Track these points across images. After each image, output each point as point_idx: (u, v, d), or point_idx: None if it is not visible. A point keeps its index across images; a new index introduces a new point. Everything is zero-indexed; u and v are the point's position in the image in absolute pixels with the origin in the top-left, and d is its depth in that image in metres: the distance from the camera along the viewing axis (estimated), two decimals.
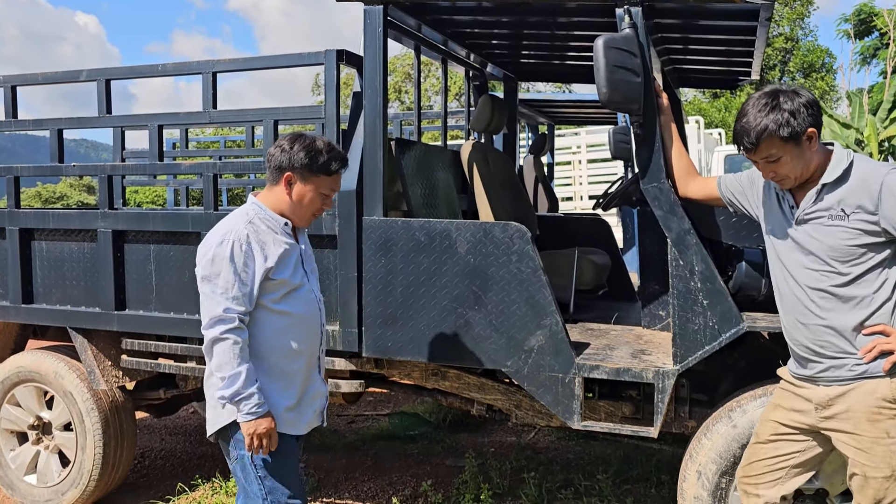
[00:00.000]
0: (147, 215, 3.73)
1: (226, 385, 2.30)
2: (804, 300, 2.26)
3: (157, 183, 7.02)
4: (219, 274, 2.31)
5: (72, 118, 3.88)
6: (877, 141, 13.48)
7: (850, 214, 2.18)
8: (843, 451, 2.26)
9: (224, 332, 2.29)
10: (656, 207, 2.83)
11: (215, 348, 2.31)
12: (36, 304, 3.88)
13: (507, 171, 4.51)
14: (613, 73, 2.63)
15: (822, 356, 2.26)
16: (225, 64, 3.49)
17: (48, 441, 4.02)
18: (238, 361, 2.29)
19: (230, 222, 2.39)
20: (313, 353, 2.53)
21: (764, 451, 2.41)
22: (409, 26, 3.63)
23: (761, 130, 2.17)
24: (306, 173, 2.39)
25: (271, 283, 2.38)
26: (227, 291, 2.30)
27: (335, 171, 2.42)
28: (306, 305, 2.48)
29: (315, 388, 2.56)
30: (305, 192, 2.41)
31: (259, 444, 2.34)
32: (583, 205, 11.42)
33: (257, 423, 2.32)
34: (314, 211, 2.47)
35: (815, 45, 26.88)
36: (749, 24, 3.13)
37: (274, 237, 2.41)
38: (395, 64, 26.08)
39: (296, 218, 2.46)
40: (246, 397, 2.30)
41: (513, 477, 4.35)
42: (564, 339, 2.93)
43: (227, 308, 2.30)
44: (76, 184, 28.26)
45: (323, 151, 2.39)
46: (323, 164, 2.38)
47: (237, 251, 2.31)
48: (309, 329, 2.49)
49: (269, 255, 2.36)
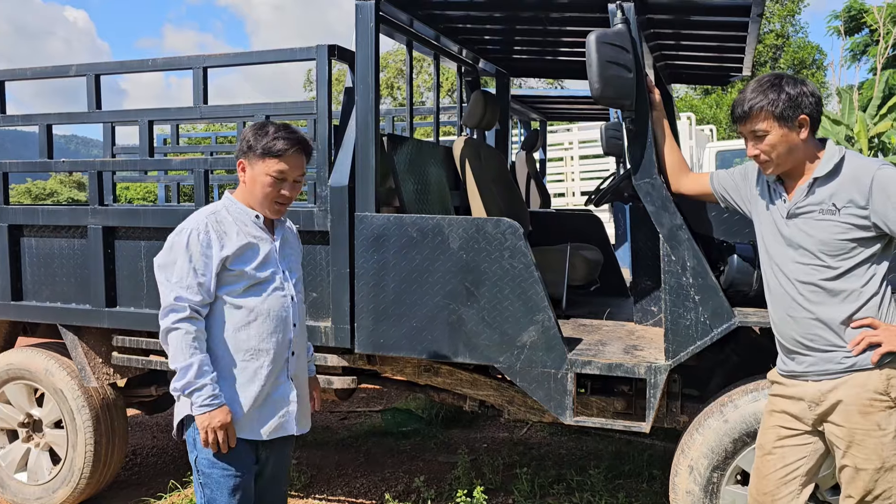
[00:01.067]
0: (138, 211, 3.71)
1: (178, 376, 2.22)
2: (793, 294, 2.28)
3: (147, 179, 7.00)
4: (174, 262, 2.26)
5: (61, 113, 3.86)
6: (867, 137, 13.54)
7: (842, 209, 2.19)
8: (834, 443, 2.27)
9: (176, 321, 2.22)
10: (648, 203, 2.84)
11: (168, 338, 2.24)
12: (26, 301, 3.86)
13: (500, 168, 4.50)
14: (606, 68, 2.63)
15: (812, 349, 2.27)
16: (216, 59, 3.48)
17: (38, 439, 4.00)
18: (191, 352, 2.21)
19: (195, 214, 2.35)
20: (280, 354, 2.37)
21: (773, 463, 2.38)
22: (401, 21, 3.62)
23: (755, 102, 2.23)
24: (252, 157, 2.30)
25: (229, 275, 2.29)
26: (182, 280, 2.23)
27: (280, 151, 2.27)
28: (272, 302, 2.34)
29: (281, 392, 2.39)
30: (255, 176, 2.31)
31: (214, 439, 2.22)
32: (575, 201, 11.43)
33: (211, 416, 2.21)
34: (271, 197, 2.32)
35: (805, 42, 26.97)
36: (740, 20, 3.14)
37: (240, 229, 2.32)
38: (388, 59, 26.02)
39: (258, 206, 2.35)
40: (198, 388, 2.20)
41: (505, 472, 4.35)
42: (557, 334, 2.93)
43: (179, 297, 2.23)
44: (66, 180, 28.07)
45: (269, 133, 2.28)
46: (266, 145, 2.27)
47: (193, 240, 2.25)
48: (273, 327, 2.34)
49: (226, 244, 2.27)
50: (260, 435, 2.34)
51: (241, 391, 2.30)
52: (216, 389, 2.23)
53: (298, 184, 2.38)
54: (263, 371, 2.32)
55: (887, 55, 16.55)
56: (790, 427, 2.34)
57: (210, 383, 2.22)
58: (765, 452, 2.40)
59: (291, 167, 2.31)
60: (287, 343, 2.39)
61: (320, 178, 3.27)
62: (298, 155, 2.32)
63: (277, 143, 2.27)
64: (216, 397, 2.22)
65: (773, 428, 2.38)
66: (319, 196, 3.26)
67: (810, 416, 2.30)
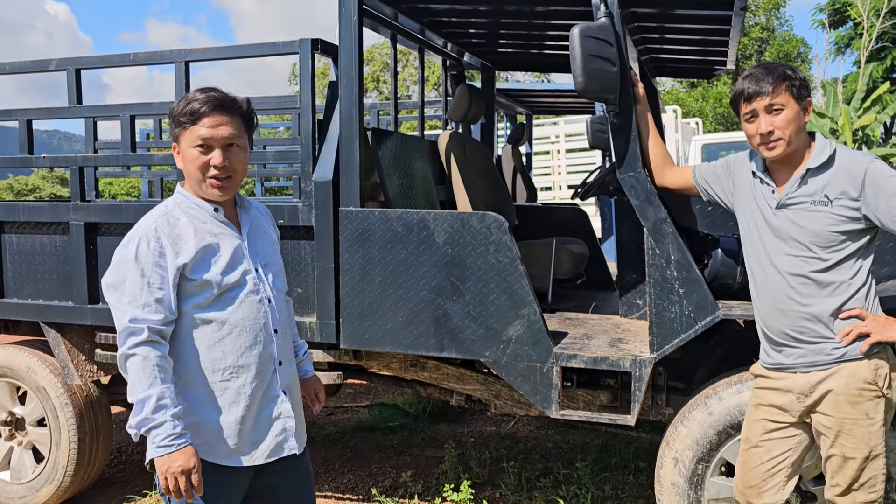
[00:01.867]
0: (120, 207, 3.68)
1: (135, 411, 1.89)
2: (783, 287, 2.28)
3: (130, 174, 6.93)
4: (124, 280, 1.94)
5: (41, 108, 3.81)
6: (851, 130, 13.65)
7: (834, 200, 2.21)
8: (822, 433, 2.29)
9: (133, 346, 1.89)
10: (632, 196, 2.84)
11: (126, 366, 1.91)
12: (7, 299, 3.81)
13: (485, 161, 4.50)
14: (589, 62, 2.63)
15: (801, 342, 2.28)
16: (198, 53, 3.44)
17: (21, 437, 3.96)
18: (149, 382, 1.87)
19: (142, 220, 2.02)
20: (263, 367, 2.06)
21: (759, 456, 2.39)
22: (385, 15, 3.60)
23: (780, 74, 2.24)
24: (177, 132, 2.00)
25: (191, 285, 1.97)
26: (135, 299, 1.91)
27: (195, 112, 1.95)
28: (247, 310, 2.03)
29: (273, 408, 2.09)
30: (184, 152, 1.99)
31: (175, 486, 1.87)
32: (562, 194, 11.45)
33: (170, 460, 1.86)
34: (201, 169, 1.98)
35: (790, 35, 27.12)
36: (724, 14, 3.15)
37: (196, 228, 2.00)
38: (373, 53, 25.94)
39: (199, 189, 2.02)
40: (155, 426, 1.86)
41: (492, 466, 4.36)
42: (542, 328, 2.94)
43: (134, 318, 1.90)
44: (48, 175, 27.84)
45: (185, 98, 1.99)
46: (183, 111, 1.96)
47: (143, 250, 1.93)
48: (252, 339, 2.03)
49: (181, 250, 1.95)
50: (255, 459, 2.06)
51: (225, 415, 2.01)
52: (177, 427, 1.88)
53: (235, 150, 2.01)
54: (247, 390, 2.02)
55: (871, 48, 16.67)
56: (777, 420, 2.36)
57: (170, 420, 1.87)
58: (751, 445, 2.41)
59: (213, 128, 1.96)
60: (270, 354, 2.08)
61: (304, 172, 3.25)
62: (219, 114, 1.96)
63: (192, 104, 1.95)
64: (177, 436, 1.87)
65: (759, 421, 2.39)
66: (303, 191, 3.24)
67: (798, 408, 2.31)
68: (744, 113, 2.31)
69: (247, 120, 2.05)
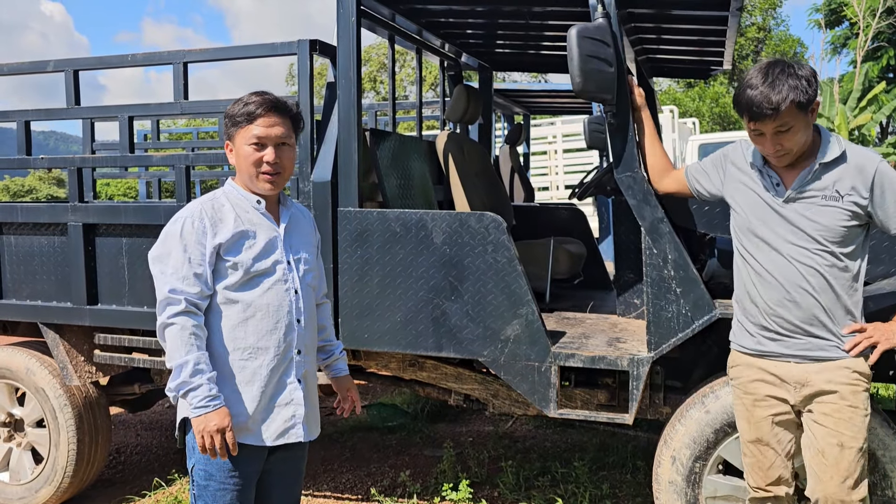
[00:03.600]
0: (118, 208, 3.68)
1: (173, 375, 2.05)
2: (796, 278, 2.26)
3: (128, 175, 6.94)
4: (169, 253, 2.11)
5: (39, 109, 3.81)
6: (847, 129, 13.69)
7: (845, 196, 2.22)
8: (819, 421, 2.26)
9: (172, 315, 2.06)
10: (630, 196, 2.85)
11: (165, 334, 2.08)
12: (5, 300, 3.81)
13: (483, 162, 4.51)
14: (586, 62, 2.64)
15: (808, 334, 2.27)
16: (196, 54, 3.45)
17: (20, 438, 3.96)
18: (187, 349, 2.04)
19: (191, 203, 2.21)
20: (282, 352, 2.19)
21: (773, 453, 2.38)
22: (382, 16, 3.61)
23: (784, 96, 2.12)
24: (232, 132, 2.17)
25: (224, 265, 2.13)
26: (177, 271, 2.08)
27: (251, 114, 2.13)
28: (272, 296, 2.17)
29: (287, 395, 2.21)
30: (238, 149, 2.17)
31: (211, 444, 2.03)
32: (559, 194, 11.46)
33: (207, 419, 2.02)
34: (255, 165, 2.16)
35: (787, 35, 27.17)
36: (720, 14, 3.16)
37: (238, 215, 2.17)
38: (371, 53, 25.93)
39: (251, 183, 2.19)
40: (193, 388, 2.03)
41: (491, 466, 4.37)
42: (540, 328, 2.95)
43: (174, 289, 2.07)
44: (45, 177, 27.79)
45: (241, 101, 2.17)
46: (239, 112, 2.14)
47: (188, 228, 2.10)
48: (274, 324, 2.17)
49: (219, 231, 2.12)
50: (263, 440, 2.17)
51: (241, 392, 2.14)
52: (213, 389, 2.04)
53: (286, 148, 2.19)
54: (263, 371, 2.16)
55: (867, 48, 16.71)
56: (780, 412, 2.35)
57: (206, 383, 2.04)
58: (763, 444, 2.38)
59: (267, 128, 2.14)
60: (290, 341, 2.21)
61: (303, 173, 3.26)
62: (273, 115, 2.15)
63: (248, 107, 2.14)
64: (213, 398, 2.04)
65: (765, 419, 2.37)
66: (302, 191, 3.25)
67: (796, 397, 2.31)
68: (750, 128, 2.24)
69: (296, 121, 2.23)
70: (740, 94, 2.22)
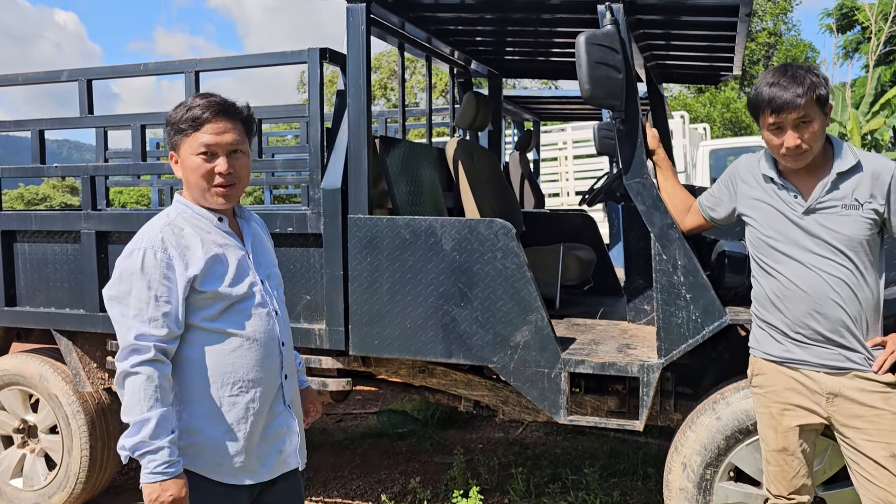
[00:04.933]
0: (131, 216, 3.71)
1: (130, 432, 1.80)
2: (823, 289, 2.24)
3: (140, 183, 6.99)
4: (129, 292, 1.83)
5: (53, 119, 3.86)
6: (860, 134, 13.61)
7: (864, 204, 2.22)
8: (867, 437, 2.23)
9: (136, 364, 1.79)
10: (639, 202, 2.85)
11: (125, 384, 1.81)
12: (19, 307, 3.85)
13: (493, 168, 4.52)
14: (595, 69, 2.64)
15: (836, 344, 2.26)
16: (207, 63, 3.48)
17: (34, 444, 3.99)
18: (150, 403, 1.78)
19: (143, 228, 1.92)
20: (271, 381, 2.00)
21: (797, 463, 2.37)
22: (392, 24, 3.63)
23: (808, 87, 2.16)
24: (176, 140, 1.92)
25: (201, 298, 1.89)
26: (142, 312, 1.82)
27: (200, 118, 1.88)
28: (256, 322, 1.96)
29: (279, 424, 2.03)
30: (185, 160, 1.92)
31: None
32: (569, 200, 11.45)
33: (162, 489, 1.78)
34: (205, 177, 1.91)
35: (798, 40, 27.05)
36: (729, 20, 3.16)
37: (203, 238, 1.92)
38: (381, 60, 26.04)
39: (202, 199, 1.95)
40: (151, 451, 1.77)
41: (501, 472, 4.37)
42: (550, 334, 2.95)
43: (140, 334, 1.81)
44: (59, 185, 28.05)
45: (185, 105, 1.92)
46: (183, 118, 1.89)
47: (149, 261, 1.84)
48: (262, 352, 1.97)
49: (190, 261, 1.87)
50: (262, 476, 1.99)
51: (234, 432, 1.92)
52: (173, 454, 1.80)
53: (239, 156, 1.95)
54: (255, 405, 1.95)
55: (879, 52, 16.62)
56: (808, 422, 2.33)
57: (168, 446, 1.79)
58: (788, 454, 2.36)
59: (217, 135, 1.89)
60: (278, 367, 2.03)
61: (313, 180, 3.28)
62: (222, 119, 1.90)
63: (193, 111, 1.89)
64: (172, 464, 1.79)
65: (792, 429, 2.34)
66: (312, 199, 3.27)
67: (826, 409, 2.29)
68: (768, 123, 2.23)
69: (248, 125, 2.00)
70: (759, 91, 2.23)
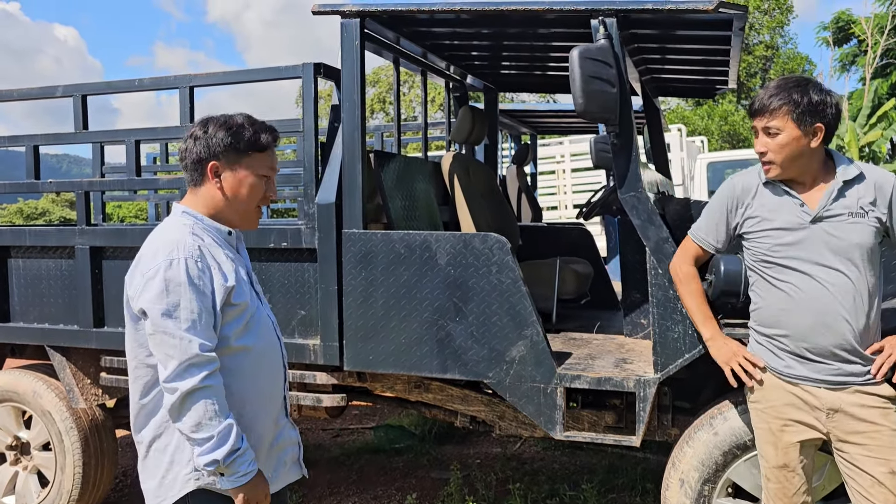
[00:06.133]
0: (125, 231, 3.71)
1: (214, 444, 1.76)
2: (830, 302, 2.23)
3: (137, 198, 6.99)
4: (177, 304, 1.78)
5: (48, 134, 3.85)
6: (857, 147, 13.62)
7: (869, 212, 2.25)
8: (866, 453, 2.22)
9: (205, 378, 1.76)
10: (634, 216, 2.84)
11: (196, 397, 1.76)
12: (13, 323, 3.83)
13: (489, 182, 4.51)
14: (589, 83, 2.64)
15: (839, 359, 2.25)
16: (202, 78, 3.48)
17: (26, 461, 3.96)
18: (225, 412, 1.79)
19: (170, 237, 1.86)
20: (278, 393, 2.03)
21: (798, 479, 2.35)
22: (387, 39, 3.64)
23: (777, 99, 2.22)
24: (234, 156, 1.91)
25: (232, 311, 1.88)
26: (196, 324, 1.78)
27: (267, 144, 1.94)
28: (267, 335, 1.99)
29: (284, 435, 2.05)
30: (241, 179, 1.92)
31: None
32: (567, 214, 11.44)
33: (256, 486, 1.84)
34: (258, 202, 1.97)
35: (795, 53, 27.17)
36: (724, 34, 3.16)
37: (222, 251, 1.93)
38: (379, 74, 26.13)
39: (238, 218, 1.97)
40: (241, 454, 1.80)
41: (498, 488, 4.33)
42: (546, 349, 2.93)
43: (203, 345, 1.78)
44: (57, 199, 28.06)
45: (245, 125, 1.92)
46: (250, 138, 1.91)
47: (193, 270, 1.81)
48: (273, 365, 2.00)
49: (226, 271, 1.88)
50: (273, 487, 1.99)
51: (258, 450, 1.93)
52: (252, 452, 1.85)
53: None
54: (271, 419, 1.99)
55: (875, 65, 16.68)
56: (808, 438, 2.32)
57: (249, 447, 1.83)
58: (789, 470, 2.34)
59: (275, 161, 2.00)
60: (282, 379, 2.07)
61: (307, 195, 3.27)
62: (274, 147, 2.00)
63: (263, 135, 1.93)
64: (253, 461, 1.84)
65: (793, 445, 2.33)
66: (306, 213, 3.26)
67: (826, 425, 2.28)
68: (752, 126, 2.34)
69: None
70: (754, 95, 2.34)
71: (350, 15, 3.12)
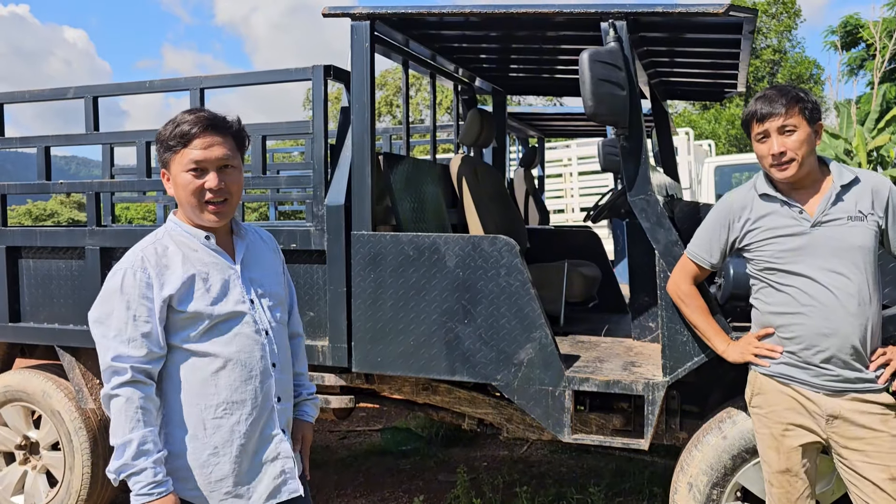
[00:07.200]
0: (135, 232, 3.72)
1: (115, 455, 1.79)
2: (834, 306, 2.24)
3: (146, 199, 7.01)
4: (110, 313, 1.83)
5: (59, 135, 3.88)
6: (865, 151, 13.58)
7: (868, 216, 2.27)
8: (866, 460, 2.23)
9: (116, 386, 1.79)
10: (643, 219, 2.84)
11: (110, 406, 1.81)
12: (23, 323, 3.85)
13: (497, 185, 4.52)
14: (598, 86, 2.65)
15: (842, 364, 2.25)
16: (212, 80, 3.50)
17: (35, 461, 3.98)
18: (131, 426, 1.77)
19: (130, 250, 1.92)
20: (261, 403, 1.94)
21: (801, 484, 2.35)
22: (396, 41, 3.65)
23: (793, 97, 2.27)
24: (166, 158, 1.89)
25: (179, 318, 1.86)
26: (121, 333, 1.81)
27: (189, 134, 1.85)
28: (242, 342, 1.91)
29: (271, 448, 1.97)
30: (175, 177, 1.89)
31: None
32: (574, 217, 11.44)
33: None
34: (196, 194, 1.88)
35: (802, 57, 27.09)
36: (733, 38, 3.16)
37: (187, 256, 1.90)
38: (387, 77, 26.18)
39: (194, 216, 1.92)
40: (135, 473, 1.76)
41: (505, 491, 4.32)
42: (554, 351, 2.93)
43: (118, 355, 1.80)
44: (66, 200, 28.17)
45: (170, 123, 1.89)
46: (172, 134, 1.86)
47: (129, 282, 1.83)
48: (248, 373, 1.92)
49: (167, 280, 1.85)
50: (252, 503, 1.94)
51: (220, 456, 1.89)
52: (159, 474, 1.78)
53: (230, 171, 1.91)
54: (241, 428, 1.91)
55: (884, 69, 16.63)
56: (809, 441, 2.33)
57: (151, 466, 1.77)
58: (792, 475, 2.35)
59: (206, 150, 1.86)
60: (268, 389, 1.96)
61: (317, 197, 3.28)
62: (210, 134, 1.87)
63: (181, 127, 1.86)
64: (158, 484, 1.77)
65: (795, 449, 2.34)
66: (316, 215, 3.27)
67: (825, 430, 2.29)
68: (755, 133, 2.32)
69: (238, 139, 1.96)
70: (749, 106, 2.35)
71: (360, 17, 3.13)
